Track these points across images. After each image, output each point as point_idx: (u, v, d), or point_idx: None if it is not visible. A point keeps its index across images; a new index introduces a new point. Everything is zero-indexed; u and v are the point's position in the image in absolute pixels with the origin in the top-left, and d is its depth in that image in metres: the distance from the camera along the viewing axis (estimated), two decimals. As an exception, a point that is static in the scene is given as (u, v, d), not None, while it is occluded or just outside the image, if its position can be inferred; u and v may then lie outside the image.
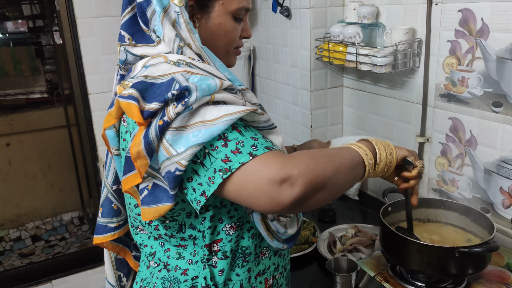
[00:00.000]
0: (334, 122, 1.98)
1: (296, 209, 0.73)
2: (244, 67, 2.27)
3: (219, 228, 0.87)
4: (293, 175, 0.69)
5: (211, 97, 0.74)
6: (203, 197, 0.73)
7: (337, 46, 1.68)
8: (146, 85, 0.76)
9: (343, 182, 0.80)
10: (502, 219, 1.33)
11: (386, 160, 0.91)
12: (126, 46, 0.89)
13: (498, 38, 1.23)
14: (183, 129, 0.72)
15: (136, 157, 0.73)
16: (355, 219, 1.71)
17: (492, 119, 1.29)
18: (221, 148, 0.72)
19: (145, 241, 0.93)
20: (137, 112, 0.72)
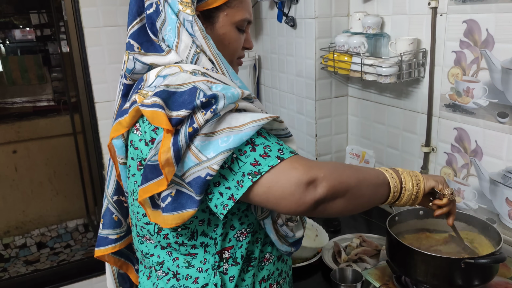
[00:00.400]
0: (339, 131, 1.99)
1: (317, 211, 0.76)
2: (249, 76, 2.28)
3: (231, 235, 0.88)
4: (318, 178, 0.74)
5: (236, 105, 0.78)
6: (231, 201, 0.76)
7: (342, 56, 1.69)
8: (169, 94, 0.78)
9: (365, 195, 0.83)
10: (508, 230, 1.32)
11: (412, 190, 0.90)
12: (135, 55, 0.91)
13: (503, 49, 1.23)
14: (211, 135, 0.75)
15: (165, 164, 0.75)
16: (360, 229, 1.71)
17: (498, 130, 1.29)
18: (249, 152, 0.75)
19: (151, 250, 0.94)
20: (165, 119, 0.74)
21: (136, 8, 0.92)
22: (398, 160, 1.71)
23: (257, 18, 2.28)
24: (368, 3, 1.73)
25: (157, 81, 0.84)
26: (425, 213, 1.31)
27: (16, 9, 3.50)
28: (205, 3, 0.91)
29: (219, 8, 0.92)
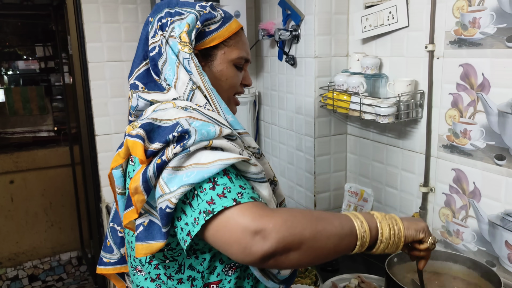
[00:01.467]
0: (337, 169, 1.99)
1: (267, 264, 0.72)
2: (249, 112, 2.31)
3: (219, 269, 0.88)
4: (267, 228, 0.70)
5: (209, 142, 0.79)
6: (189, 237, 0.76)
7: (341, 95, 1.72)
8: (153, 127, 0.82)
9: (324, 247, 0.75)
10: (508, 274, 1.31)
11: (389, 241, 0.84)
12: (139, 93, 0.97)
13: (499, 93, 1.26)
14: (179, 169, 0.76)
15: (134, 192, 0.78)
16: (358, 269, 1.68)
17: (495, 172, 1.30)
18: (208, 190, 0.75)
19: (141, 283, 0.94)
20: (141, 150, 0.78)
21: (143, 52, 0.99)
22: (396, 199, 1.71)
23: (258, 56, 2.33)
24: (366, 44, 1.77)
25: (150, 115, 0.89)
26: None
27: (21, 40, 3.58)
28: (203, 43, 0.97)
29: (217, 46, 0.99)
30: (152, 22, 0.98)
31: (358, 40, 1.80)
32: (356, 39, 1.80)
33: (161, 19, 0.96)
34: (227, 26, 1.00)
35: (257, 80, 2.38)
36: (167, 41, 0.93)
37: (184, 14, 0.96)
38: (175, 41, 0.93)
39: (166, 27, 0.95)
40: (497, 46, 1.25)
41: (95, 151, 2.08)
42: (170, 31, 0.94)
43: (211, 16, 0.98)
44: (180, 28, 0.93)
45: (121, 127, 2.11)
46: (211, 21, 0.98)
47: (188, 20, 0.94)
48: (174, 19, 0.95)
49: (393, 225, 0.85)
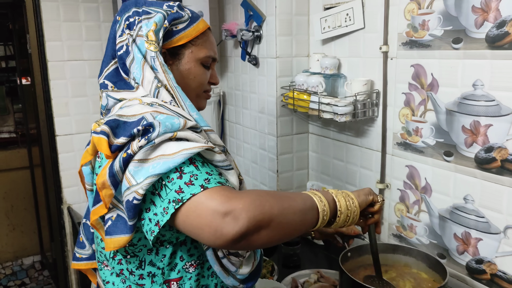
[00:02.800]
0: (300, 167, 2.03)
1: (239, 244, 0.73)
2: (214, 112, 2.32)
3: (179, 266, 0.90)
4: (236, 209, 0.72)
5: (174, 134, 0.81)
6: (157, 227, 0.77)
7: (301, 95, 1.75)
8: (118, 123, 0.83)
9: (291, 223, 0.80)
10: (457, 265, 1.37)
11: (347, 212, 0.92)
12: (108, 92, 0.98)
13: (447, 92, 1.32)
14: (145, 162, 0.78)
15: (101, 187, 0.79)
16: (319, 264, 1.72)
17: (445, 168, 1.36)
18: (176, 180, 0.77)
19: (107, 277, 0.95)
20: (105, 146, 0.79)
21: (111, 51, 1.00)
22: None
23: (223, 56, 2.34)
24: (326, 45, 1.81)
25: (116, 112, 0.90)
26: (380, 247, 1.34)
27: (-19, 40, 3.47)
28: (171, 41, 0.99)
29: (184, 46, 1.00)
30: (119, 21, 0.99)
31: (318, 40, 1.84)
32: (316, 40, 1.84)
33: (128, 18, 0.97)
34: (194, 25, 1.01)
35: (221, 80, 2.39)
36: (134, 40, 0.94)
37: (151, 14, 0.97)
38: (143, 40, 0.94)
39: (134, 26, 0.96)
40: (444, 47, 1.30)
41: (56, 152, 2.04)
42: (138, 30, 0.95)
43: (178, 15, 0.99)
44: (147, 27, 0.94)
45: (83, 127, 2.09)
46: (178, 21, 0.99)
47: (156, 19, 0.95)
48: (142, 18, 0.96)
49: (347, 197, 0.94)
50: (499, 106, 1.18)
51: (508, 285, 1.22)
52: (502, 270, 1.24)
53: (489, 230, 1.25)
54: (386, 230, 1.63)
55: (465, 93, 1.26)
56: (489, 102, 1.20)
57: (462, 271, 1.35)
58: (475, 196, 1.28)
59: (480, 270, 1.30)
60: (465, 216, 1.31)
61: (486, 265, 1.28)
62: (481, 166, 1.25)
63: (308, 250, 1.84)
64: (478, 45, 1.21)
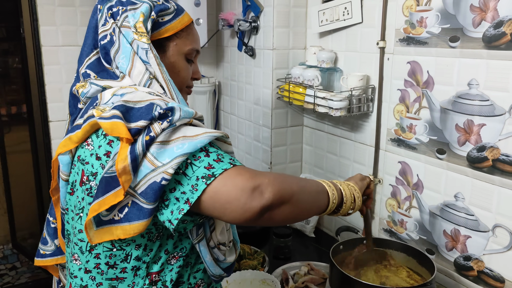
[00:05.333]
0: (293, 159, 2.03)
1: (263, 218, 0.78)
2: (209, 102, 2.31)
3: (163, 259, 0.90)
4: (263, 183, 0.77)
5: (190, 120, 0.84)
6: (187, 205, 0.78)
7: (297, 88, 1.75)
8: (127, 108, 0.83)
9: (307, 201, 0.88)
10: (445, 261, 1.39)
11: (351, 198, 1.01)
12: (91, 80, 0.96)
13: (442, 90, 1.32)
14: (167, 144, 0.79)
15: (122, 172, 0.77)
16: (310, 257, 1.73)
17: (437, 165, 1.37)
18: (204, 157, 0.79)
19: (75, 272, 0.93)
20: (125, 129, 0.79)
21: (93, 41, 0.98)
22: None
23: (219, 46, 2.33)
24: (323, 38, 1.81)
25: (113, 99, 0.89)
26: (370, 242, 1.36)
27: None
28: (157, 33, 0.98)
29: (169, 38, 0.99)
30: (101, 10, 0.97)
31: (315, 33, 1.83)
32: (313, 33, 1.83)
33: (111, 8, 0.95)
34: (179, 18, 1.01)
35: (217, 70, 2.38)
36: (120, 30, 0.93)
37: (137, 4, 0.95)
38: (129, 31, 0.92)
39: (118, 16, 0.94)
40: (441, 45, 1.31)
41: (49, 138, 2.03)
42: (123, 20, 0.93)
43: (165, 7, 0.98)
44: (134, 18, 0.93)
45: (77, 113, 2.07)
46: (165, 12, 0.98)
47: (143, 10, 0.94)
48: (127, 8, 0.95)
49: (348, 185, 1.03)
50: (493, 106, 1.18)
51: (494, 282, 1.25)
52: (489, 268, 1.26)
53: (478, 228, 1.27)
54: (377, 225, 1.65)
55: (460, 92, 1.27)
56: (483, 102, 1.21)
57: (450, 267, 1.37)
58: (466, 194, 1.29)
59: (468, 266, 1.32)
60: (455, 214, 1.33)
61: (473, 262, 1.30)
62: (473, 165, 1.26)
63: (299, 242, 1.86)
64: (475, 44, 1.21)
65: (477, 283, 1.30)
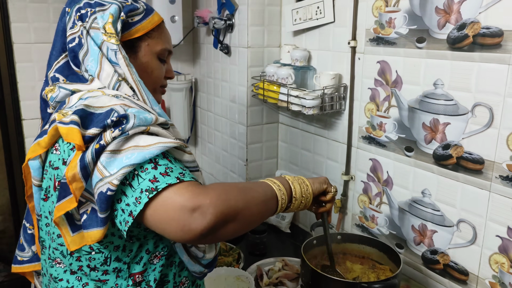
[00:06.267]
0: (269, 156, 2.06)
1: (207, 239, 0.76)
2: (186, 98, 2.31)
3: (145, 259, 0.91)
4: (204, 205, 0.73)
5: (147, 128, 0.81)
6: (130, 217, 0.76)
7: (271, 86, 1.77)
8: (86, 113, 0.82)
9: (255, 214, 0.85)
10: (414, 255, 1.43)
11: (302, 198, 0.99)
12: (60, 84, 0.95)
13: (410, 90, 1.36)
14: (117, 153, 0.78)
15: (72, 180, 0.77)
16: (285, 252, 1.77)
17: (405, 162, 1.41)
18: (150, 170, 0.77)
19: (60, 275, 0.94)
20: (78, 137, 0.78)
21: (61, 44, 0.97)
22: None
23: (195, 43, 2.33)
24: (297, 36, 1.83)
25: (78, 103, 0.88)
26: (342, 237, 1.40)
27: None
28: (128, 34, 0.98)
29: (141, 38, 0.99)
30: (69, 13, 0.96)
31: (289, 32, 1.85)
32: (288, 31, 1.85)
33: (79, 10, 0.95)
34: (149, 18, 1.01)
35: (193, 67, 2.38)
36: (88, 32, 0.92)
37: (105, 5, 0.95)
38: (98, 32, 0.92)
39: (86, 18, 0.94)
40: (408, 46, 1.34)
41: (22, 136, 2.01)
42: (91, 22, 0.93)
43: (134, 7, 0.98)
44: (103, 19, 0.93)
45: (51, 111, 2.05)
46: (134, 12, 0.98)
47: (111, 11, 0.94)
48: (95, 9, 0.94)
49: (302, 183, 1.00)
50: (457, 105, 1.22)
51: (459, 275, 1.30)
52: (454, 261, 1.31)
53: (443, 223, 1.32)
54: (349, 220, 1.69)
55: (426, 92, 1.30)
56: (448, 101, 1.25)
57: (418, 261, 1.42)
58: (432, 191, 1.33)
59: (434, 260, 1.36)
60: (422, 209, 1.37)
61: (439, 255, 1.34)
62: (439, 162, 1.30)
63: (275, 238, 1.89)
64: (440, 45, 1.25)
65: (443, 276, 1.35)
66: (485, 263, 1.22)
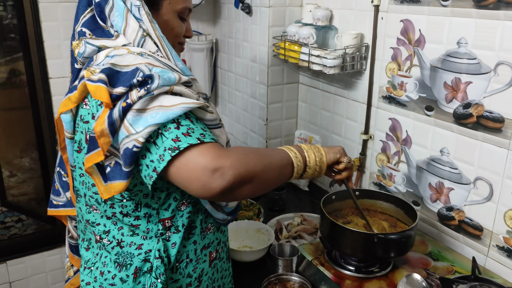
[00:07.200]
0: (289, 116, 2.09)
1: (225, 197, 0.83)
2: (206, 59, 2.33)
3: (173, 206, 0.97)
4: (224, 166, 0.79)
5: (171, 88, 0.85)
6: (154, 173, 0.83)
7: (292, 45, 1.78)
8: (113, 72, 0.86)
9: (271, 179, 0.91)
10: (429, 212, 1.48)
11: (316, 167, 1.02)
12: (86, 39, 0.98)
13: (433, 49, 1.36)
14: (143, 112, 0.82)
15: (100, 135, 0.83)
16: (303, 209, 1.83)
17: (425, 122, 1.43)
18: (173, 129, 0.82)
19: (97, 220, 1.01)
20: (106, 95, 0.82)
21: None
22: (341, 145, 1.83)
23: (216, 2, 2.32)
24: (319, -5, 1.81)
25: (105, 61, 0.92)
26: (360, 193, 1.44)
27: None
28: None
29: None
30: None
31: (311, -10, 1.83)
32: (310, -10, 1.84)
33: None
34: None
35: (214, 27, 2.38)
36: None
37: None
38: None
39: None
40: (433, 4, 1.33)
41: (49, 94, 2.07)
42: None
43: None
44: None
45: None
46: None
47: None
48: None
49: (317, 152, 1.03)
50: (480, 64, 1.23)
51: (473, 230, 1.34)
52: (469, 217, 1.35)
53: (460, 180, 1.35)
54: (367, 179, 1.73)
55: (449, 50, 1.31)
56: (470, 60, 1.25)
57: (434, 217, 1.47)
58: (451, 149, 1.36)
59: (450, 216, 1.41)
60: (440, 168, 1.40)
61: (455, 212, 1.39)
62: (458, 121, 1.32)
63: (293, 195, 1.95)
64: (465, 3, 1.24)
65: (458, 232, 1.39)
66: (500, 219, 1.26)
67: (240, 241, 1.55)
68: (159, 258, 0.96)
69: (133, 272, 0.98)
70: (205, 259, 1.05)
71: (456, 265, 1.31)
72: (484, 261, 1.32)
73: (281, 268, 1.34)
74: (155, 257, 0.97)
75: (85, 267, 1.06)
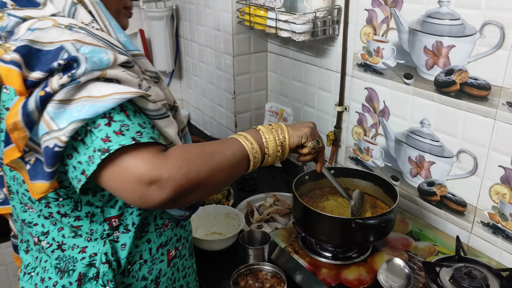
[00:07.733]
0: (258, 88, 1.94)
1: (167, 208, 0.74)
2: (167, 27, 2.14)
3: (120, 202, 0.84)
4: (162, 179, 0.68)
5: (103, 72, 0.69)
6: (83, 176, 0.69)
7: (258, 10, 1.61)
8: (31, 51, 0.69)
9: (221, 181, 0.78)
10: (409, 187, 1.38)
11: (277, 153, 0.89)
12: (9, 11, 0.80)
13: (411, 9, 1.22)
14: (67, 103, 0.67)
15: (13, 129, 0.68)
16: (277, 188, 1.71)
17: (403, 91, 1.31)
18: (103, 126, 0.68)
19: (34, 219, 0.88)
20: (18, 80, 0.67)
21: None
22: (314, 118, 1.71)
23: (174, -36, 2.11)
24: (286, -47, 1.64)
25: (25, 35, 0.74)
26: (336, 172, 1.33)
27: None
28: None
29: None
30: None
31: None
32: None
33: None
34: None
35: (174, -8, 2.19)
36: None
37: None
38: None
39: None
40: (411, -42, 1.19)
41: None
42: None
43: None
44: None
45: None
46: None
47: None
48: None
49: (278, 135, 0.90)
50: (464, 25, 1.10)
51: (456, 206, 1.25)
52: (452, 192, 1.25)
53: (442, 154, 1.25)
54: (343, 153, 1.62)
55: (429, 11, 1.17)
56: (453, 21, 1.12)
57: (414, 193, 1.37)
58: (432, 120, 1.25)
59: (431, 192, 1.31)
60: (420, 140, 1.30)
61: (437, 187, 1.29)
62: (440, 90, 1.20)
63: (265, 173, 1.83)
64: (448, -45, 1.10)
65: (440, 208, 1.30)
66: (485, 194, 1.17)
67: (208, 227, 1.43)
68: (106, 262, 0.84)
69: (76, 278, 0.86)
70: (162, 258, 0.93)
71: (439, 244, 1.22)
72: (468, 238, 1.24)
73: (252, 258, 1.22)
74: (102, 262, 0.84)
75: (24, 273, 0.93)
